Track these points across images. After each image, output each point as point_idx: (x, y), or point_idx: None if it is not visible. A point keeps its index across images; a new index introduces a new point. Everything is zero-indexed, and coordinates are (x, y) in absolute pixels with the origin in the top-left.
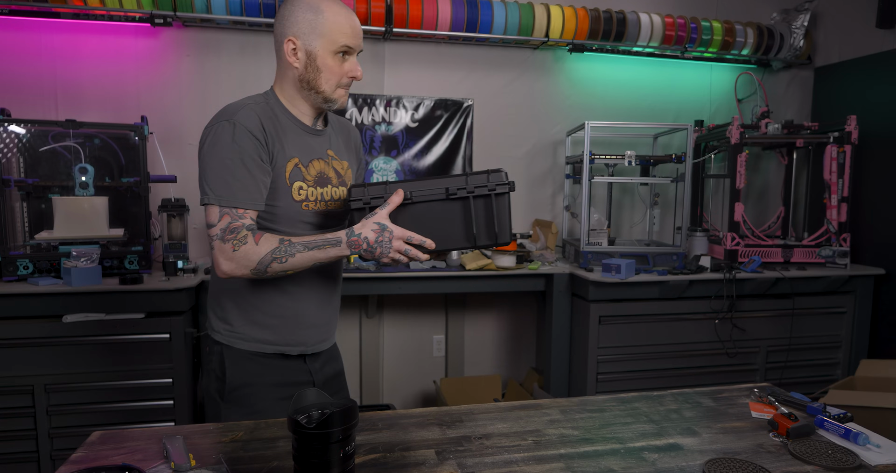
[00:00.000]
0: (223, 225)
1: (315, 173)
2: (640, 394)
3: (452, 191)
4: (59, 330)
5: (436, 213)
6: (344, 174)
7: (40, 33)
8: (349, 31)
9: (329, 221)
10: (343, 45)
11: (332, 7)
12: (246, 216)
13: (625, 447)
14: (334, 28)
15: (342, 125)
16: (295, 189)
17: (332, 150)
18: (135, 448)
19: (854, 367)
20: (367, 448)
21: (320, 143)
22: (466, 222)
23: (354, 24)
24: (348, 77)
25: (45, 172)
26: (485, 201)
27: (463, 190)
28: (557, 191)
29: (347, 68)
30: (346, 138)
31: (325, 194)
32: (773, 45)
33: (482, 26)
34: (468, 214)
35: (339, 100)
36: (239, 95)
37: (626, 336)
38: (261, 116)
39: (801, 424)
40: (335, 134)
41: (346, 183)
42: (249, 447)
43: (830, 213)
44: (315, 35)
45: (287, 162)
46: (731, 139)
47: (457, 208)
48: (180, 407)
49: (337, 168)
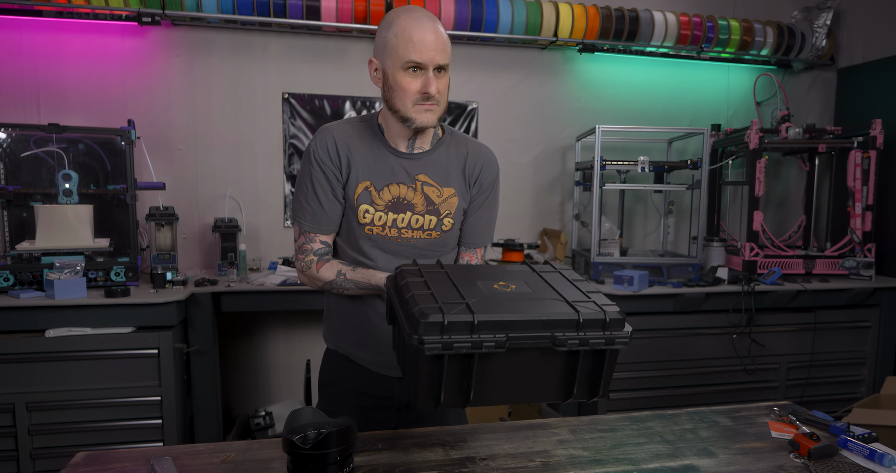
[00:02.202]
0: (298, 245)
1: (389, 198)
2: (654, 413)
3: (560, 341)
4: (41, 345)
5: (522, 361)
6: (441, 203)
7: (21, 32)
8: (416, 45)
9: (397, 247)
10: (408, 60)
11: (403, 20)
12: (315, 240)
13: (637, 469)
14: (400, 42)
15: (462, 149)
16: (361, 212)
17: (428, 175)
18: (121, 469)
19: (879, 384)
20: (365, 469)
21: (408, 167)
22: (565, 375)
23: (423, 37)
24: (420, 93)
25: (26, 179)
26: (595, 356)
27: (574, 341)
28: (567, 199)
29: (419, 85)
30: (461, 164)
31: (399, 221)
32: (793, 45)
33: (487, 25)
34: (570, 368)
35: (418, 118)
36: (231, 97)
37: (638, 352)
38: (338, 139)
39: (824, 444)
40: (443, 159)
41: (442, 212)
42: (242, 468)
43: (854, 222)
44: (386, 53)
45: (358, 184)
46: (750, 144)
47: (556, 359)
48: (169, 427)
49: (429, 194)
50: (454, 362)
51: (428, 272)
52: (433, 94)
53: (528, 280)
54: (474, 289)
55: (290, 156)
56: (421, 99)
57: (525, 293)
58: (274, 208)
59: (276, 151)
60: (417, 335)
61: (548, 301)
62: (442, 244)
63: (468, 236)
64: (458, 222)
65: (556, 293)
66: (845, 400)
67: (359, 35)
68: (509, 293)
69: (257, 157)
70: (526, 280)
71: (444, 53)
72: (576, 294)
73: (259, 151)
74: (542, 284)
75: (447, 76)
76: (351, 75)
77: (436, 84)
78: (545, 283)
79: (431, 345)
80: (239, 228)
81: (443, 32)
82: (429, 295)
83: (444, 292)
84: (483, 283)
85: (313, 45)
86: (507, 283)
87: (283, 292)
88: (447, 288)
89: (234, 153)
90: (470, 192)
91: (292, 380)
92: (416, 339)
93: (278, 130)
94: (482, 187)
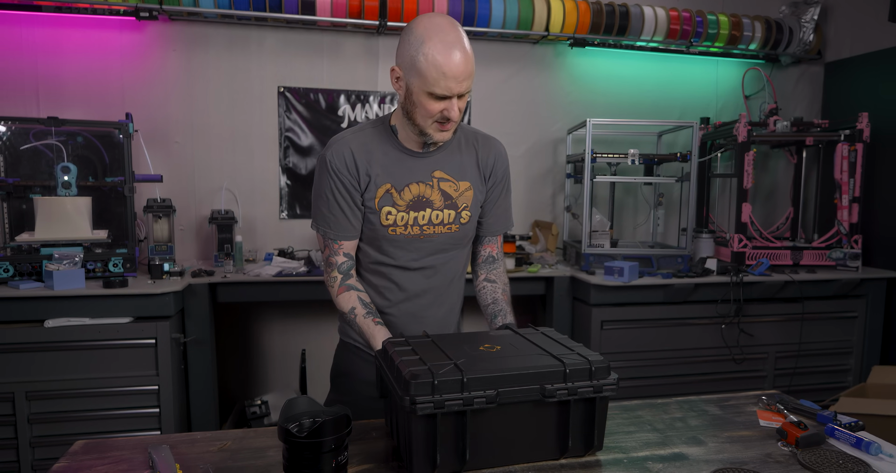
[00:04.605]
0: (325, 256)
1: (410, 197)
2: (644, 402)
3: (550, 392)
4: (40, 335)
5: (514, 416)
6: (458, 196)
7: (21, 27)
8: (446, 78)
9: (420, 244)
10: (436, 94)
11: (434, 46)
12: (339, 253)
13: (628, 456)
14: (429, 70)
15: (473, 143)
16: (383, 214)
17: (444, 170)
18: (119, 457)
19: (866, 374)
20: (360, 457)
21: (424, 165)
22: (559, 428)
23: (454, 70)
24: (441, 116)
25: (26, 172)
26: (585, 405)
27: (563, 391)
28: (558, 191)
29: (441, 107)
30: (473, 157)
31: (421, 218)
32: (781, 39)
33: (480, 20)
34: (563, 420)
35: (435, 135)
36: (227, 91)
37: (629, 342)
38: (354, 150)
39: (811, 433)
40: (456, 153)
41: (459, 205)
42: (238, 456)
43: (841, 214)
44: (413, 72)
45: (378, 188)
46: (739, 137)
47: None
48: (166, 415)
49: (446, 189)
50: (447, 420)
51: (415, 342)
52: (455, 119)
53: (512, 342)
54: (461, 352)
55: (285, 149)
56: (440, 119)
57: (510, 351)
58: (270, 200)
59: (272, 144)
60: (409, 397)
61: (533, 356)
62: (460, 237)
63: (491, 224)
64: (474, 214)
65: (541, 349)
66: (832, 389)
67: (353, 30)
68: (495, 353)
69: (253, 150)
70: (510, 342)
71: (470, 79)
72: (559, 349)
73: (255, 144)
74: (526, 343)
75: (468, 95)
76: (345, 70)
77: (457, 107)
78: (529, 342)
79: (423, 405)
80: (235, 219)
81: (470, 55)
82: (417, 360)
83: (432, 356)
84: (469, 346)
85: (308, 40)
86: (492, 345)
87: (279, 283)
88: (434, 353)
89: (231, 146)
90: (486, 184)
91: (288, 370)
92: (409, 400)
93: (274, 123)
94: (497, 178)
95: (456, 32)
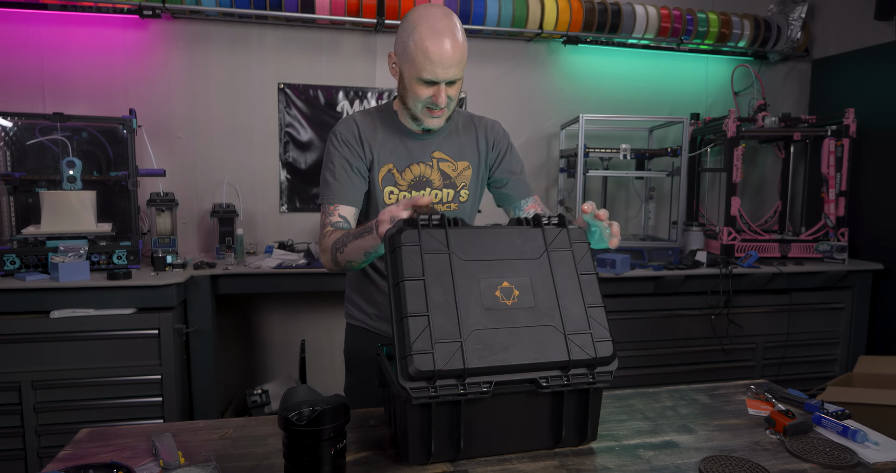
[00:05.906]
0: (321, 222)
1: (411, 178)
2: (635, 391)
3: (544, 384)
4: (46, 326)
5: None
6: (456, 176)
7: (27, 25)
8: (433, 63)
9: None
10: (423, 78)
11: (424, 32)
12: (335, 213)
13: (619, 444)
14: (417, 55)
15: (471, 125)
16: (386, 193)
17: (443, 151)
18: (123, 445)
19: (852, 363)
20: (358, 445)
21: (424, 146)
22: (553, 418)
23: (440, 55)
24: (431, 101)
25: (32, 166)
26: (579, 395)
27: (558, 381)
28: (552, 185)
29: (430, 93)
30: (472, 138)
31: None
32: (769, 37)
33: (475, 18)
34: (557, 409)
35: (426, 120)
36: (228, 88)
37: (620, 332)
38: (360, 125)
39: (799, 421)
40: (454, 134)
41: (458, 184)
42: (239, 444)
43: (828, 207)
44: (405, 58)
45: (381, 167)
46: (728, 133)
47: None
48: (169, 404)
49: (445, 170)
50: (442, 410)
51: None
52: (442, 105)
53: (535, 278)
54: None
55: (285, 144)
56: (430, 105)
57: (525, 312)
58: (270, 195)
59: (272, 139)
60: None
61: (545, 329)
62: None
63: (519, 188)
64: (473, 193)
65: (558, 314)
66: (819, 379)
67: (352, 28)
68: (509, 314)
69: (254, 145)
70: (533, 278)
71: (459, 67)
72: (577, 315)
73: (256, 140)
74: (549, 288)
75: (459, 83)
76: (344, 66)
77: (445, 94)
78: (552, 286)
79: (419, 395)
80: (236, 213)
81: (460, 42)
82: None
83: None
84: (486, 283)
85: (308, 38)
86: (512, 286)
87: (279, 275)
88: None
89: (232, 141)
90: (489, 159)
91: (287, 360)
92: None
93: (274, 119)
94: (501, 151)
95: (448, 21)
